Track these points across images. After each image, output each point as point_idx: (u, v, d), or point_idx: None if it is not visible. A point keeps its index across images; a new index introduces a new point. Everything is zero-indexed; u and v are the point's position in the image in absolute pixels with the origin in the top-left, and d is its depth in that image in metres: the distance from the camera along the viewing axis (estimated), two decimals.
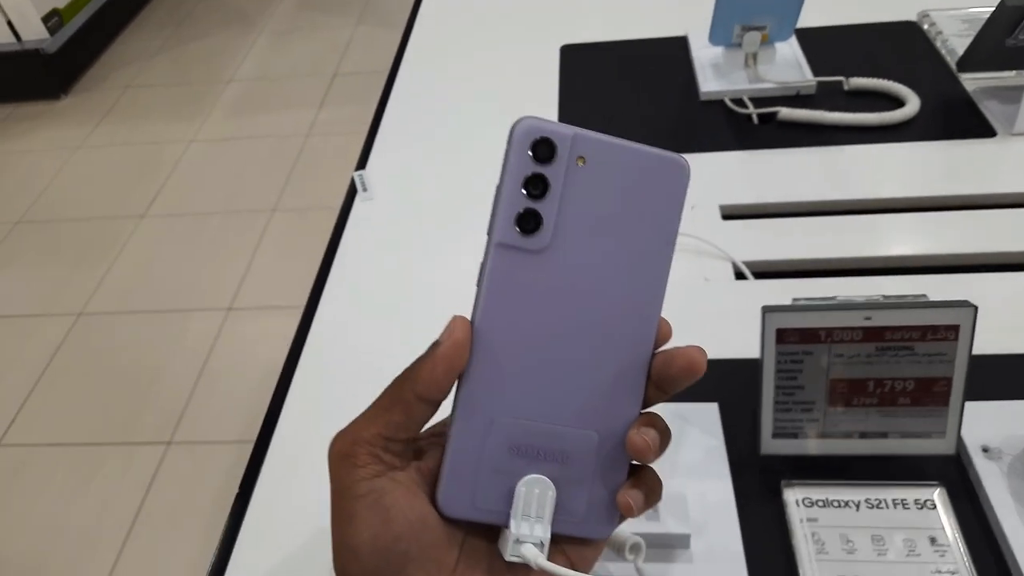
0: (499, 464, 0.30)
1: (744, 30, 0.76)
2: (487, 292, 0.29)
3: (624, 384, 0.30)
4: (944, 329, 0.44)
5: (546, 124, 0.28)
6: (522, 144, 0.28)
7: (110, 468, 1.46)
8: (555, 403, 0.30)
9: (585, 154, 0.29)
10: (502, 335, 0.29)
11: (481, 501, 0.29)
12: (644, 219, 0.29)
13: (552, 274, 0.29)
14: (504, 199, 0.29)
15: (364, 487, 0.28)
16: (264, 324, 1.69)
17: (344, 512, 0.28)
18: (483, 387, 0.29)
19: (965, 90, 0.75)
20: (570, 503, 0.30)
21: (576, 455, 0.30)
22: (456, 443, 0.29)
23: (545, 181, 0.28)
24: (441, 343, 0.29)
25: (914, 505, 0.46)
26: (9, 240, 2.02)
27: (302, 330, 0.61)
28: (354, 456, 0.28)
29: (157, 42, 2.77)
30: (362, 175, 0.72)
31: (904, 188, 0.66)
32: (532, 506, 0.29)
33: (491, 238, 0.29)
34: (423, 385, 0.28)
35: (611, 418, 0.30)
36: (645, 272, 0.29)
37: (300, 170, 2.10)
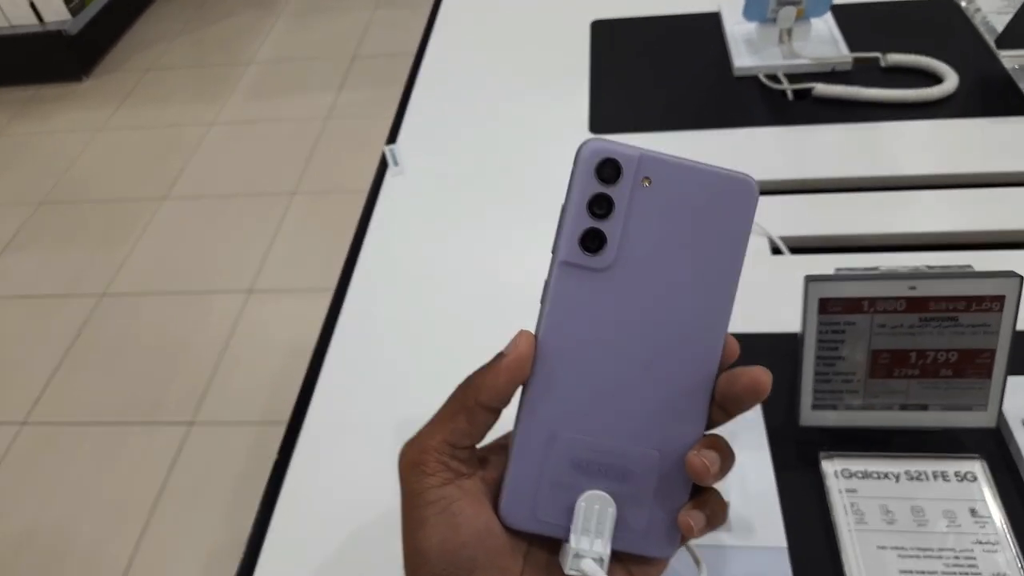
0: (560, 478, 0.30)
1: (779, 5, 0.75)
2: (551, 309, 0.30)
3: (687, 404, 0.30)
4: (989, 300, 0.44)
5: (612, 146, 0.29)
6: (588, 165, 0.29)
7: (133, 447, 1.48)
8: (617, 420, 0.30)
9: (651, 175, 0.29)
10: (565, 351, 0.30)
11: (542, 514, 0.30)
12: (710, 239, 0.29)
13: (616, 293, 0.29)
14: (569, 218, 0.29)
15: (433, 494, 0.29)
16: (285, 305, 1.70)
17: (414, 518, 0.29)
18: (545, 402, 0.30)
19: (1004, 67, 0.74)
20: (631, 520, 0.30)
21: (637, 473, 0.30)
22: (518, 455, 0.30)
23: (610, 201, 0.29)
24: (506, 355, 0.29)
25: (954, 477, 0.45)
26: (32, 221, 2.04)
27: (336, 303, 0.61)
28: (424, 464, 0.29)
29: (178, 24, 2.78)
30: (393, 149, 0.72)
31: (942, 165, 0.65)
32: (592, 521, 0.30)
33: (555, 256, 0.30)
34: (486, 394, 0.29)
35: (673, 437, 0.30)
36: (711, 292, 0.29)
37: (320, 152, 2.11)
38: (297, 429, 0.53)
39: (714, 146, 0.70)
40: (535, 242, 0.63)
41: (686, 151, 0.73)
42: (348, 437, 0.53)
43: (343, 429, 0.53)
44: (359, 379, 0.56)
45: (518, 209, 0.67)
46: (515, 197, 0.68)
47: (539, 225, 0.64)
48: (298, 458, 0.52)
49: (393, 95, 0.83)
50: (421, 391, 0.55)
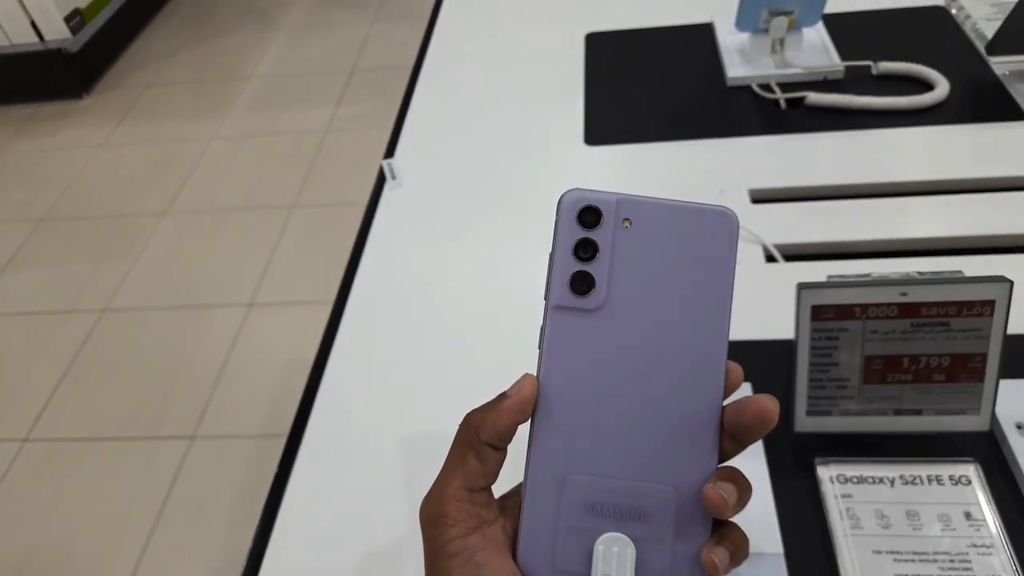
0: (575, 523, 0.30)
1: (771, 15, 0.76)
2: (548, 353, 0.30)
3: (695, 436, 0.30)
4: (980, 304, 0.44)
5: (590, 193, 0.30)
6: (569, 213, 0.30)
7: (134, 462, 1.48)
8: (626, 458, 0.30)
9: (630, 216, 0.30)
10: (566, 393, 0.30)
11: (561, 562, 0.30)
12: (697, 271, 0.30)
13: (610, 332, 0.30)
14: (556, 264, 0.30)
15: (456, 546, 0.29)
16: (285, 319, 1.70)
17: (440, 571, 0.29)
18: (552, 445, 0.30)
19: (995, 73, 0.74)
20: (653, 562, 0.30)
21: (654, 511, 0.30)
22: (530, 502, 0.30)
23: (594, 245, 0.30)
24: (509, 396, 0.30)
25: (949, 481, 0.46)
26: (34, 237, 2.05)
27: (335, 316, 0.62)
28: (445, 515, 0.29)
29: (177, 41, 2.80)
30: (391, 163, 0.72)
31: (934, 171, 0.66)
32: (612, 565, 0.29)
33: (548, 302, 0.30)
34: (488, 433, 0.29)
35: (687, 472, 0.30)
36: (704, 323, 0.30)
37: (319, 166, 2.12)
38: (297, 442, 0.54)
39: (709, 155, 0.70)
40: (532, 254, 0.63)
41: (681, 160, 0.74)
42: (348, 450, 0.53)
43: (343, 442, 0.54)
44: (358, 392, 0.57)
45: (515, 221, 0.67)
46: (512, 210, 0.69)
47: (536, 237, 0.64)
48: (298, 471, 0.52)
49: (391, 108, 0.83)
50: (420, 403, 0.55)
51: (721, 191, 0.66)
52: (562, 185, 0.31)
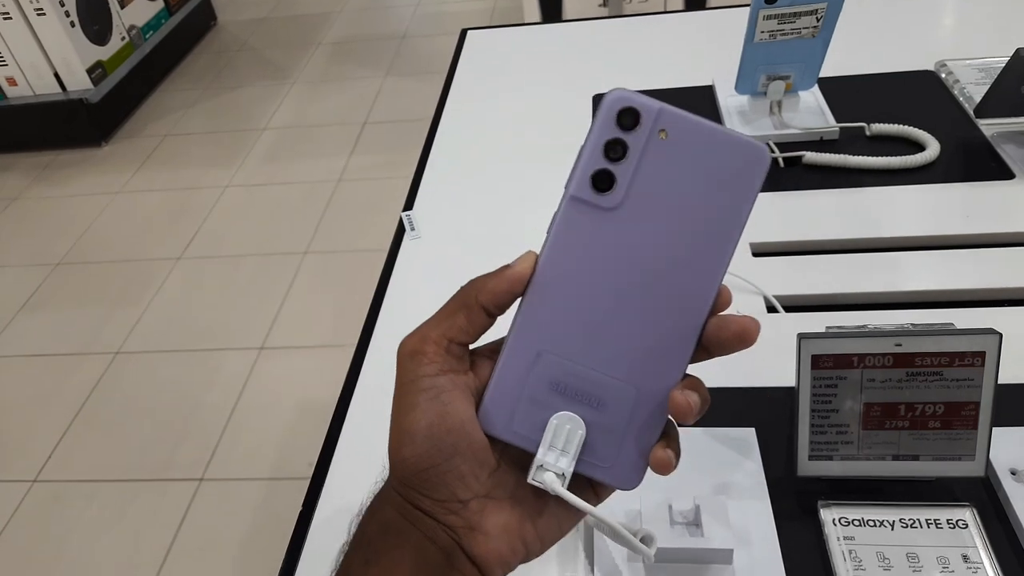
0: (539, 395, 0.32)
1: (769, 79, 0.80)
2: (554, 238, 0.32)
3: (672, 346, 0.31)
4: (971, 356, 0.47)
5: (635, 96, 0.31)
6: (610, 111, 0.31)
7: (143, 505, 1.49)
8: (601, 352, 0.31)
9: (668, 128, 0.30)
10: (562, 278, 0.31)
11: (517, 425, 0.32)
12: (717, 195, 0.30)
13: (617, 232, 0.31)
14: (584, 157, 0.31)
15: (427, 382, 0.31)
16: (295, 363, 1.73)
17: (407, 402, 0.32)
18: (537, 321, 0.32)
19: (983, 135, 0.78)
20: (600, 449, 0.32)
21: (613, 404, 0.32)
22: (503, 366, 0.32)
23: (624, 146, 0.31)
24: (511, 266, 0.32)
25: (947, 525, 0.48)
26: (49, 282, 2.09)
27: (356, 361, 0.65)
28: (423, 353, 0.32)
29: (195, 93, 2.89)
30: (410, 215, 0.76)
31: (927, 227, 0.69)
32: (560, 440, 0.31)
33: (566, 191, 0.32)
34: (486, 295, 0.32)
35: (654, 376, 0.31)
36: (710, 243, 0.31)
37: (331, 214, 2.17)
38: (321, 481, 0.56)
39: None
40: None
41: None
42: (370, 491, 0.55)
43: (365, 481, 0.56)
44: (379, 436, 0.59)
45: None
46: None
47: None
48: (321, 513, 0.55)
49: (403, 159, 0.87)
50: None
51: None
52: None
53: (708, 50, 1.00)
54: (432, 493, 0.32)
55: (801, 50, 0.78)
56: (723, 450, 0.54)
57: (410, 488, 0.32)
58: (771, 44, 0.77)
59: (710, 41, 1.02)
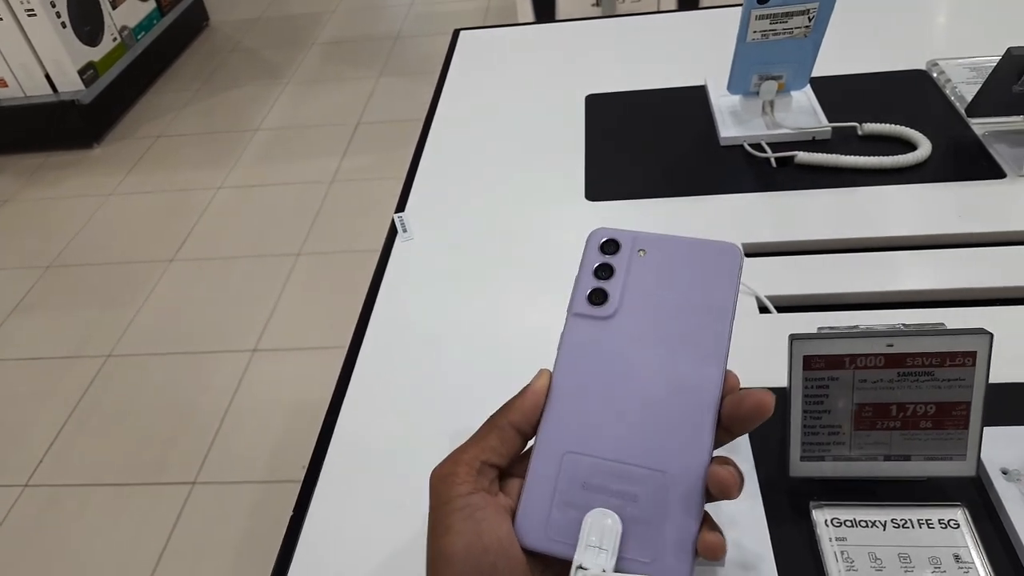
0: (571, 498, 0.32)
1: (761, 79, 0.80)
2: (564, 350, 0.35)
3: (692, 429, 0.33)
4: (962, 355, 0.47)
5: (613, 230, 0.37)
6: (594, 243, 0.37)
7: (135, 509, 1.49)
8: (625, 444, 0.33)
9: (645, 247, 0.36)
10: (576, 384, 0.34)
11: (554, 532, 0.32)
12: (701, 292, 0.35)
13: (618, 336, 0.35)
14: (579, 282, 0.37)
15: (461, 502, 0.31)
16: (289, 365, 1.72)
17: (441, 524, 0.31)
18: (559, 425, 0.34)
19: (975, 134, 0.78)
20: (641, 544, 0.32)
21: (646, 494, 0.32)
22: (532, 473, 0.33)
23: (611, 268, 0.36)
24: (530, 385, 0.34)
25: (938, 525, 0.48)
26: (40, 284, 2.08)
27: (348, 363, 0.64)
28: (455, 475, 0.32)
29: (187, 94, 2.88)
30: (402, 217, 0.76)
31: (918, 227, 0.69)
32: (597, 537, 0.31)
33: (569, 311, 0.36)
34: (515, 414, 0.33)
35: (681, 460, 0.32)
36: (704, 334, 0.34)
37: (325, 215, 2.16)
38: (312, 487, 0.56)
39: (703, 212, 0.74)
40: (538, 304, 0.66)
41: (677, 217, 0.78)
42: (362, 493, 0.55)
43: (357, 487, 0.55)
44: (371, 437, 0.59)
45: (521, 273, 0.70)
46: (518, 262, 0.72)
47: (541, 288, 0.67)
48: (313, 515, 0.54)
49: (396, 159, 0.87)
50: (432, 451, 0.57)
51: None
52: (565, 238, 0.36)
53: (701, 50, 1.00)
54: None
55: (793, 50, 0.78)
56: (716, 452, 0.53)
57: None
58: (763, 44, 0.77)
59: (703, 41, 1.02)
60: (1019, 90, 0.71)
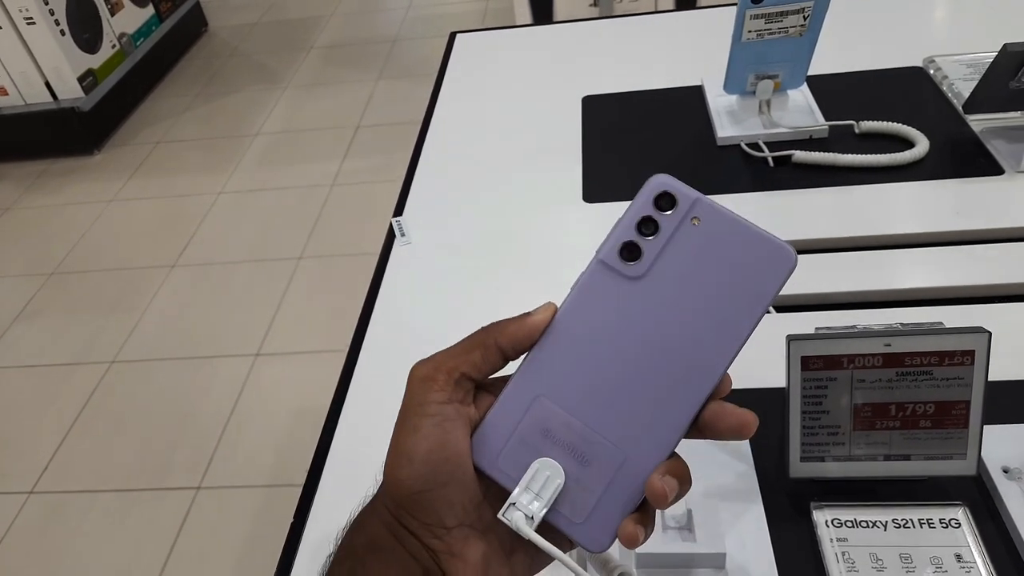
0: (528, 438, 0.33)
1: (758, 79, 0.80)
2: (576, 295, 0.33)
3: (668, 421, 0.32)
4: (960, 354, 0.47)
5: (676, 183, 0.33)
6: (649, 192, 0.33)
7: (140, 514, 1.49)
8: (598, 411, 0.32)
9: (701, 216, 0.32)
10: (574, 333, 0.33)
11: (502, 462, 0.33)
12: (738, 285, 0.32)
13: (636, 302, 0.32)
14: (618, 228, 0.33)
15: (434, 408, 0.32)
16: (291, 369, 1.73)
17: (411, 424, 0.32)
18: (542, 368, 0.33)
19: (972, 131, 0.78)
20: (576, 504, 0.32)
21: (597, 464, 0.32)
22: (502, 402, 0.33)
23: (656, 225, 0.33)
24: (531, 313, 0.33)
25: (939, 524, 0.48)
26: (44, 291, 2.08)
27: (348, 367, 0.64)
28: (434, 380, 0.32)
29: (187, 99, 2.88)
30: (400, 221, 0.76)
31: (916, 225, 0.69)
32: (538, 484, 0.32)
33: (596, 255, 0.33)
34: (505, 337, 0.33)
35: (643, 447, 0.32)
36: (722, 330, 0.32)
37: (325, 219, 2.16)
38: (312, 492, 0.56)
39: None
40: (537, 305, 0.66)
41: None
42: (363, 498, 0.55)
43: (357, 492, 0.55)
44: (371, 441, 0.59)
45: (519, 274, 0.70)
46: (516, 264, 0.72)
47: (540, 288, 0.67)
48: (313, 520, 0.54)
49: (396, 163, 0.87)
50: None
51: None
52: (562, 240, 0.34)
53: (698, 50, 1.00)
54: (421, 516, 0.32)
55: (789, 49, 0.77)
56: (715, 453, 0.53)
57: (400, 508, 0.33)
58: (758, 43, 0.77)
59: (700, 41, 1.02)
60: (1016, 86, 0.71)
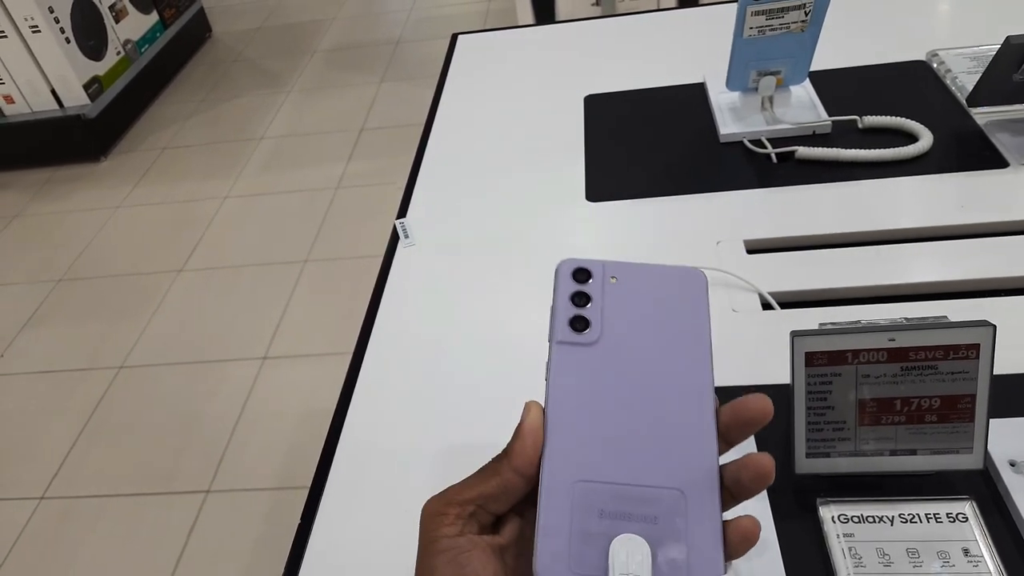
0: (590, 527, 0.31)
1: (760, 75, 0.80)
2: (554, 380, 0.35)
3: (695, 439, 0.33)
4: (965, 348, 0.47)
5: (582, 260, 0.38)
6: (566, 274, 0.38)
7: (150, 518, 1.50)
8: (633, 465, 0.32)
9: (615, 275, 0.37)
10: (572, 413, 0.34)
11: (578, 566, 0.30)
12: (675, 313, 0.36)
13: (605, 360, 0.35)
14: (557, 311, 0.37)
15: (446, 543, 0.31)
16: (298, 372, 1.73)
17: (425, 564, 0.31)
18: (563, 456, 0.33)
19: (976, 124, 0.78)
20: (673, 560, 0.31)
21: (664, 512, 0.31)
22: (545, 509, 0.31)
23: (586, 295, 0.37)
24: (523, 422, 0.33)
25: (946, 519, 0.47)
26: (52, 298, 2.09)
27: (353, 370, 0.65)
28: (445, 515, 0.32)
29: (192, 105, 2.89)
30: (404, 223, 0.76)
31: (921, 219, 0.69)
32: (628, 563, 0.30)
33: (551, 341, 0.36)
34: (517, 458, 0.32)
35: (691, 472, 0.32)
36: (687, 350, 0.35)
37: (330, 222, 2.17)
38: (319, 494, 0.56)
39: (704, 209, 0.74)
40: (539, 305, 0.66)
41: (679, 214, 0.78)
42: (368, 501, 0.55)
43: (364, 493, 0.56)
44: (377, 442, 0.59)
45: (523, 275, 0.71)
46: (520, 264, 0.72)
47: (543, 289, 0.67)
48: (320, 522, 0.55)
49: (400, 164, 0.88)
50: (437, 454, 0.58)
51: (718, 243, 0.69)
52: (566, 240, 0.36)
53: (699, 47, 1.00)
54: None
55: (790, 45, 0.77)
56: None
57: None
58: (760, 40, 0.77)
59: (701, 38, 1.02)
60: (1020, 79, 0.71)
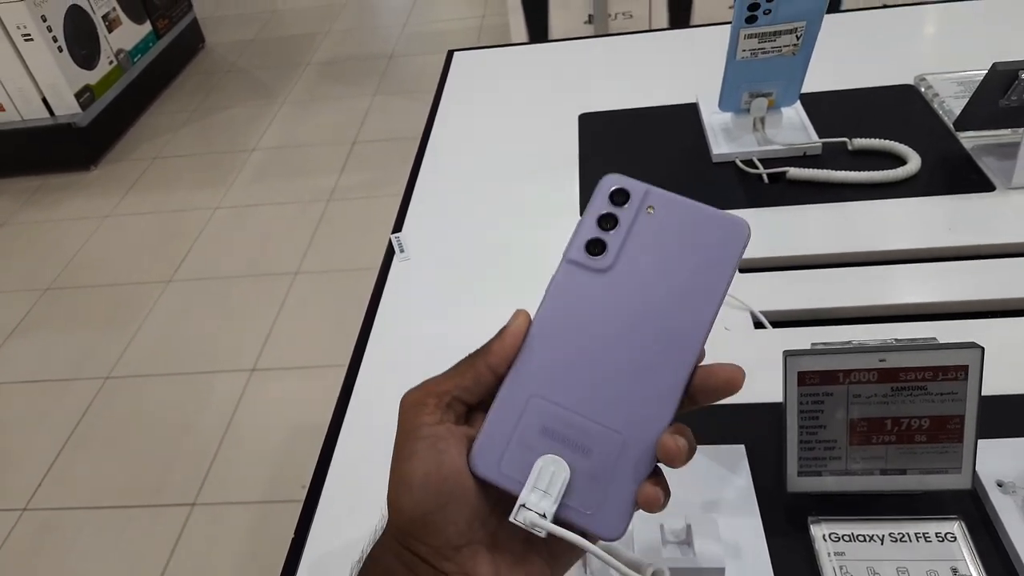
0: (528, 439, 0.33)
1: (752, 96, 0.81)
2: (550, 295, 0.35)
3: (660, 396, 0.33)
4: (954, 369, 0.47)
5: (626, 179, 0.35)
6: (604, 190, 0.35)
7: (135, 531, 1.48)
8: (591, 399, 0.33)
9: (655, 205, 0.35)
10: (557, 330, 0.34)
11: (504, 467, 0.33)
12: (699, 261, 0.34)
13: (607, 290, 0.34)
14: (580, 228, 0.35)
15: (426, 431, 0.33)
16: (287, 384, 1.72)
17: (405, 451, 0.33)
18: (529, 369, 0.34)
19: (963, 147, 0.79)
20: (585, 495, 0.32)
21: (600, 451, 0.33)
22: (496, 409, 0.34)
23: (615, 219, 0.35)
24: (508, 326, 0.35)
25: (935, 538, 0.48)
26: (38, 307, 2.08)
27: (348, 383, 0.65)
28: (424, 404, 0.33)
29: (184, 115, 2.89)
30: (399, 237, 0.76)
31: (909, 240, 0.70)
32: (544, 481, 0.32)
33: (564, 256, 0.35)
34: (493, 356, 0.34)
35: (641, 425, 0.33)
36: (694, 304, 0.33)
37: (322, 234, 2.17)
38: (313, 507, 0.56)
39: None
40: None
41: None
42: (363, 515, 0.55)
43: (358, 507, 0.56)
44: (371, 457, 0.59)
45: (517, 288, 0.71)
46: (514, 278, 0.72)
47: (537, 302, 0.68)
48: (314, 536, 0.54)
49: (392, 177, 0.88)
50: None
51: None
52: (560, 256, 0.35)
53: (692, 68, 1.01)
54: (428, 540, 0.32)
55: (782, 67, 0.79)
56: (713, 467, 0.54)
57: (407, 535, 0.33)
58: (753, 62, 0.78)
59: (694, 59, 1.03)
60: (1005, 104, 0.72)
